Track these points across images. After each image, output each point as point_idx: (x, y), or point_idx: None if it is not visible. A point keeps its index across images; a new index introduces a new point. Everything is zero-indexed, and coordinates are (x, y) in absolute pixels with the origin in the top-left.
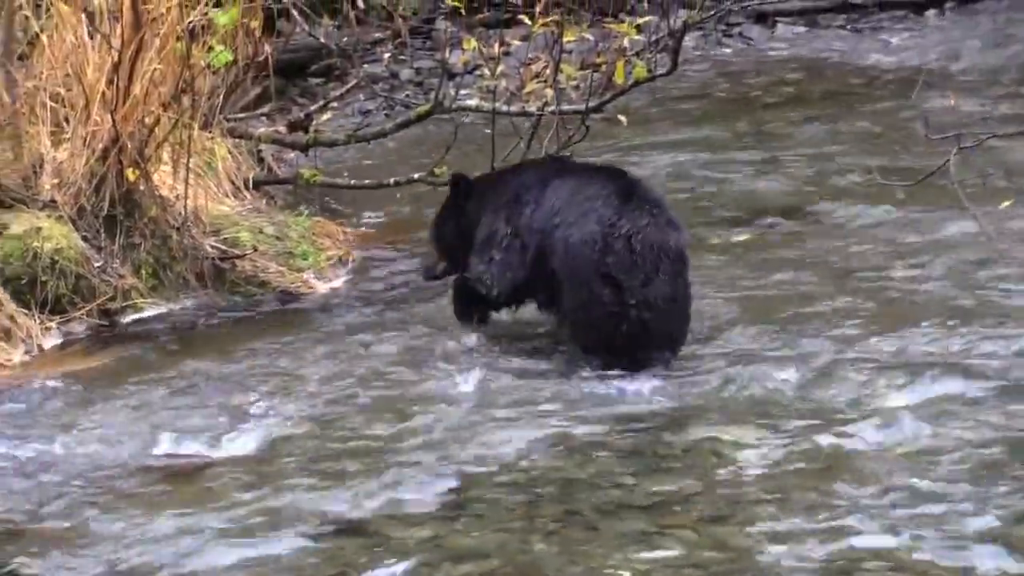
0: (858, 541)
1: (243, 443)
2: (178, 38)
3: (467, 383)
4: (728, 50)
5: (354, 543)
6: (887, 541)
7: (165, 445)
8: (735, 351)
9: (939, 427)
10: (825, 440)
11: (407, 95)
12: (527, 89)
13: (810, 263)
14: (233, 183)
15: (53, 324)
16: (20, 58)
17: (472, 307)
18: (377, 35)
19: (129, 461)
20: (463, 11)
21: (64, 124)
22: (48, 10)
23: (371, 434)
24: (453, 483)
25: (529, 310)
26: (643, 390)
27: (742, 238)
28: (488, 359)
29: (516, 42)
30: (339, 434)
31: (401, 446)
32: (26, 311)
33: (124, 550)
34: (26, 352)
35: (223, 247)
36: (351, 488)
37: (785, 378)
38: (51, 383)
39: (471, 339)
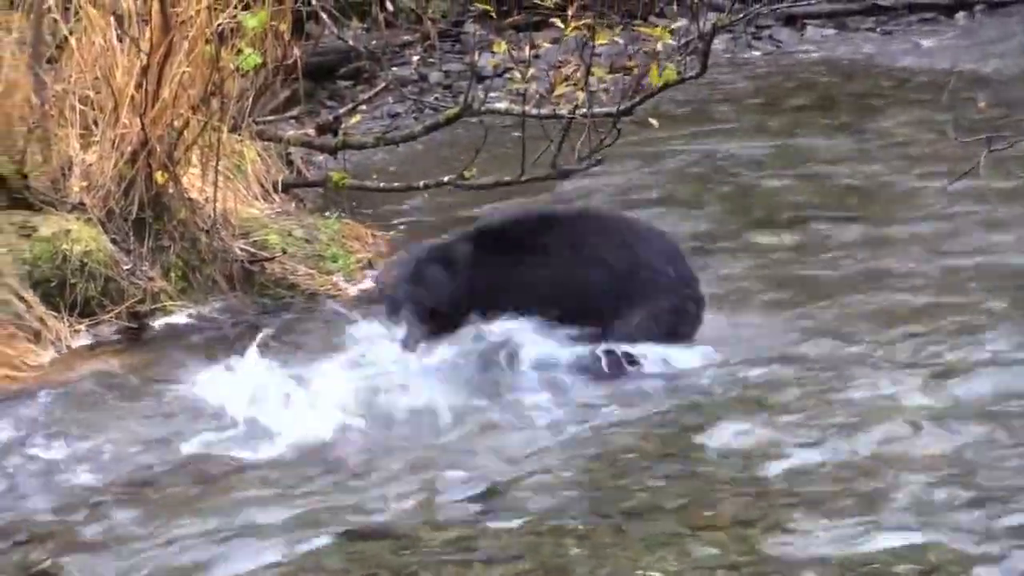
0: (890, 542)
1: (272, 446)
2: (207, 41)
3: (494, 386)
4: (757, 53)
5: (384, 546)
6: (919, 542)
7: (194, 448)
8: (767, 353)
9: (970, 429)
10: (857, 441)
11: (436, 98)
12: (557, 92)
13: (843, 264)
14: (262, 186)
15: (82, 327)
16: (49, 61)
17: None
18: (406, 38)
19: (158, 463)
20: (493, 14)
21: (93, 127)
22: (77, 13)
23: (399, 437)
24: (482, 486)
25: None
26: (672, 390)
27: (774, 240)
28: (514, 364)
29: (546, 45)
30: (368, 437)
31: (430, 450)
32: (55, 313)
33: (153, 552)
34: (55, 354)
35: (252, 250)
36: (380, 491)
37: (817, 379)
38: (80, 385)
39: (496, 342)
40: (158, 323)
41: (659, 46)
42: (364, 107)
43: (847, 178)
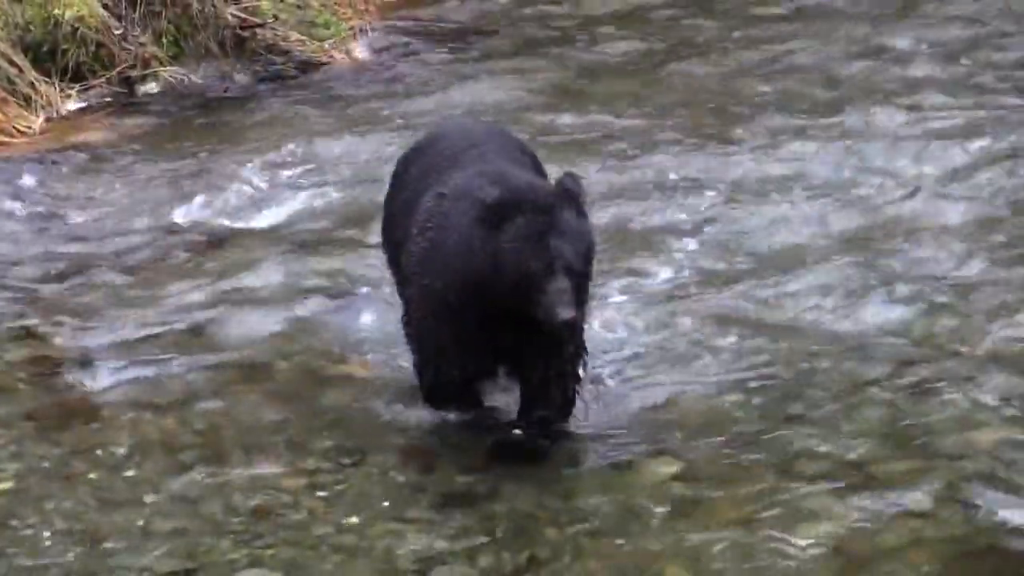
0: None
1: (266, 213)
2: None
3: None
4: None
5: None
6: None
7: (186, 215)
8: None
9: None
10: None
11: None
12: None
13: None
14: None
15: (73, 91)
16: None
17: None
18: None
19: (150, 231)
20: None
21: None
22: None
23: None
24: None
25: None
26: None
27: None
28: None
29: None
30: (360, 203)
31: None
32: (46, 79)
33: (147, 317)
34: (46, 119)
35: (243, 15)
36: (371, 253)
37: None
38: (72, 151)
39: None
40: (149, 88)
41: None
42: None
43: None
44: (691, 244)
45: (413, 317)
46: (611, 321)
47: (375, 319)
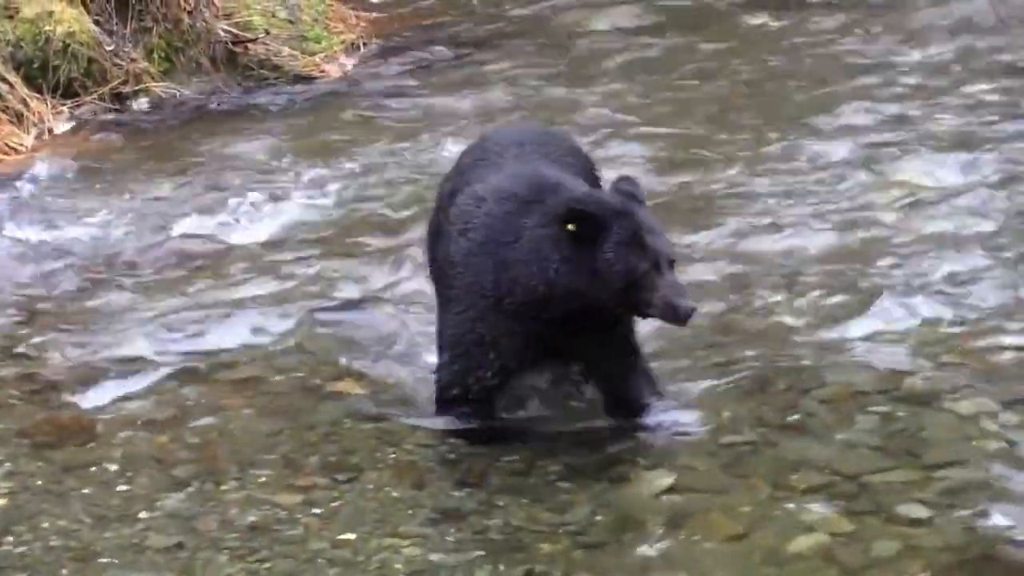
0: None
1: (259, 227)
2: None
3: None
4: None
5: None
6: None
7: (178, 229)
8: None
9: None
10: None
11: None
12: None
13: None
14: None
15: (65, 108)
16: None
17: None
18: None
19: (143, 245)
20: None
21: None
22: None
23: (387, 214)
24: None
25: None
26: None
27: None
28: None
29: None
30: (354, 216)
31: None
32: (38, 95)
33: (139, 330)
34: (38, 136)
35: (235, 31)
36: (366, 264)
37: None
38: (63, 167)
39: None
40: (141, 104)
41: None
42: None
43: None
44: (684, 252)
45: (454, 317)
46: None
47: (370, 332)
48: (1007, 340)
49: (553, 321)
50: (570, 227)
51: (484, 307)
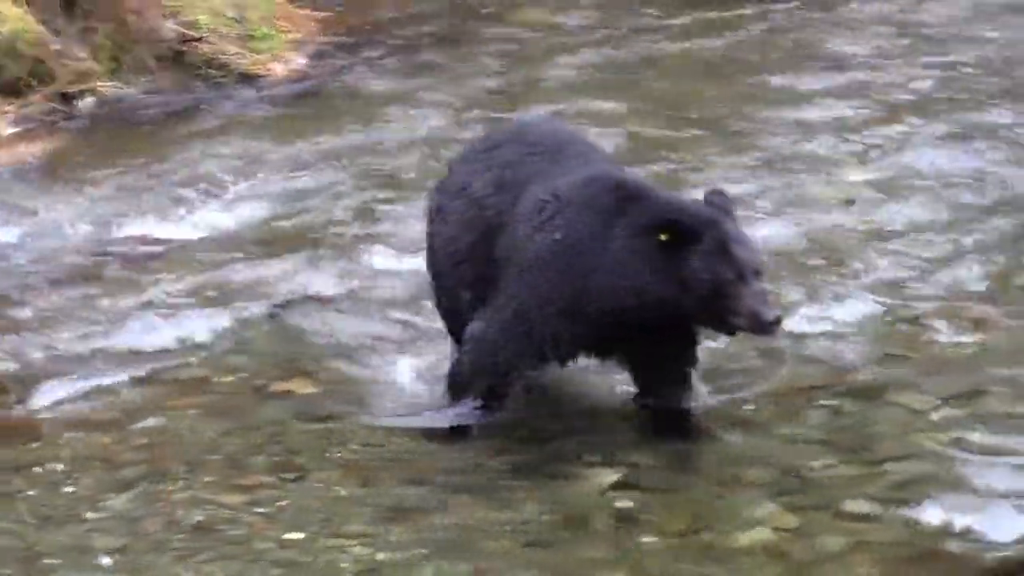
0: None
1: (205, 225)
2: None
3: None
4: None
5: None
6: None
7: (124, 229)
8: None
9: None
10: None
11: None
12: None
13: None
14: None
15: (10, 108)
16: None
17: None
18: None
19: (87, 245)
20: None
21: None
22: None
23: (335, 213)
24: None
25: None
26: None
27: None
28: None
29: None
30: (302, 215)
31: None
32: None
33: (88, 330)
34: None
35: (182, 29)
36: (313, 263)
37: None
38: (8, 169)
39: None
40: (87, 103)
41: None
42: None
43: None
44: None
45: (502, 312)
46: None
47: (317, 331)
48: (953, 335)
49: (623, 325)
50: (662, 237)
51: (548, 308)
